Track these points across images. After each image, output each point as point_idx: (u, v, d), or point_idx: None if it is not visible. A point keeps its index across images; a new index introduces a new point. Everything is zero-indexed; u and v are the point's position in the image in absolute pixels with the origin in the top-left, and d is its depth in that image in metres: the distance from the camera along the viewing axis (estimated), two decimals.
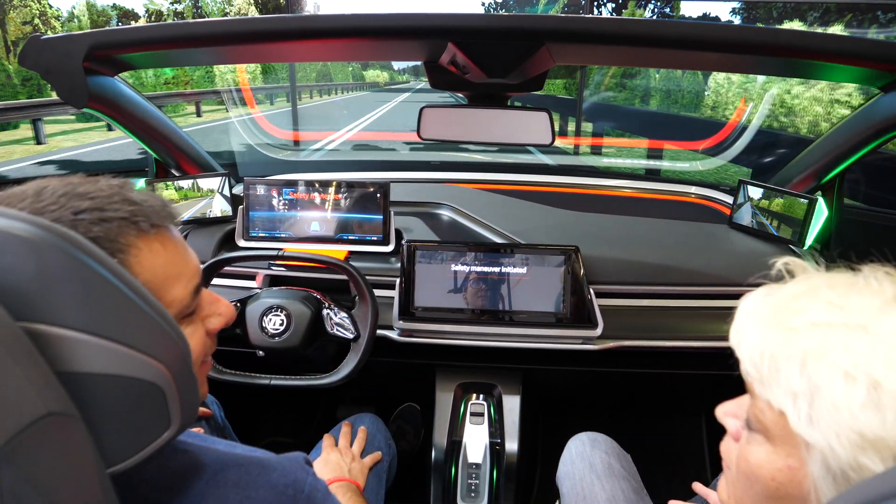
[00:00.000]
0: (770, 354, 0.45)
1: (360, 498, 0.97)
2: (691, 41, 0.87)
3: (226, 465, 0.52)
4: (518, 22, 0.86)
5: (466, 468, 1.21)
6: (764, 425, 0.47)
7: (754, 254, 1.29)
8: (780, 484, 0.46)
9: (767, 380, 0.45)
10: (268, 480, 0.52)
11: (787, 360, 0.44)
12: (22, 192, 0.45)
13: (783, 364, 0.44)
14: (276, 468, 0.53)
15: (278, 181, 1.30)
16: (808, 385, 0.42)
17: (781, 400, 0.44)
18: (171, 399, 0.41)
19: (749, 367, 0.47)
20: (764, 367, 0.45)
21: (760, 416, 0.47)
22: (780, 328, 0.46)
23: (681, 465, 1.65)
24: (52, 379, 0.34)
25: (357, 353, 1.08)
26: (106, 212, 0.45)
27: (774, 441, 0.46)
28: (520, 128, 1.08)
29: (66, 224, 0.42)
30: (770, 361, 0.45)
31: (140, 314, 0.39)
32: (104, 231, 0.44)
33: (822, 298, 0.45)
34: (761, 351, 0.46)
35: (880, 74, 0.94)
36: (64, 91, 0.97)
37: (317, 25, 0.90)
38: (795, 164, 1.31)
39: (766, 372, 0.45)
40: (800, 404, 0.42)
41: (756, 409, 0.48)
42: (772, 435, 0.46)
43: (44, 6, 14.31)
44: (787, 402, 0.43)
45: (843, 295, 0.45)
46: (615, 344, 1.19)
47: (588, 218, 1.44)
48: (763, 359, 0.46)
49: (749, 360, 0.47)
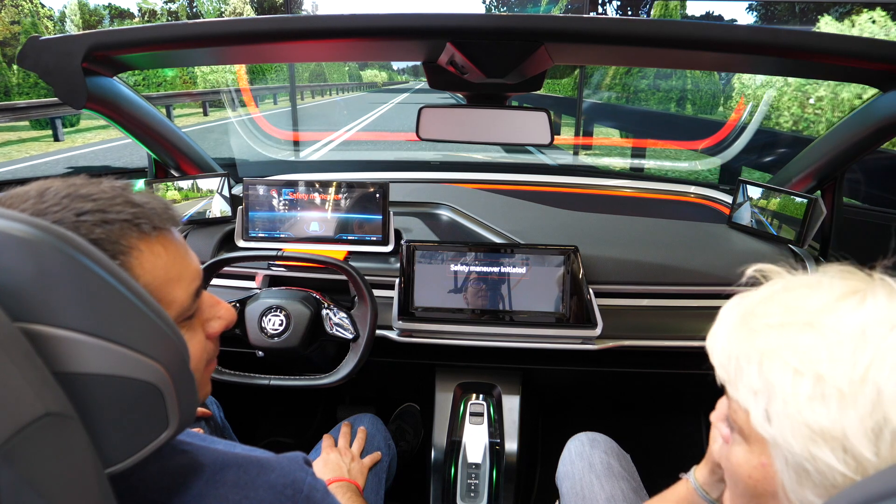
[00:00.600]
0: (735, 357, 0.47)
1: (359, 498, 0.97)
2: (690, 41, 0.87)
3: (225, 464, 0.52)
4: (516, 22, 0.86)
5: (466, 468, 1.21)
6: (738, 425, 0.49)
7: (754, 254, 1.29)
8: (756, 482, 0.47)
9: (734, 381, 0.47)
10: (267, 480, 0.52)
11: (748, 360, 0.46)
12: (24, 193, 0.45)
13: (745, 364, 0.46)
14: (276, 468, 0.54)
15: (277, 181, 1.30)
16: (765, 383, 0.44)
17: (745, 399, 0.46)
18: (169, 399, 0.41)
19: (720, 369, 0.50)
20: (731, 368, 0.48)
21: (734, 416, 0.49)
22: (743, 331, 0.48)
23: (680, 465, 1.65)
24: (49, 379, 0.34)
25: (356, 353, 1.08)
26: (108, 213, 0.45)
27: (749, 440, 0.48)
28: (519, 128, 1.08)
29: (69, 226, 0.43)
30: (735, 363, 0.47)
31: (138, 315, 0.39)
32: (106, 233, 0.45)
33: (779, 301, 0.48)
34: (728, 354, 0.48)
35: (880, 74, 0.93)
36: (63, 91, 0.97)
37: (315, 26, 0.90)
38: (795, 164, 1.31)
39: (733, 373, 0.48)
40: (759, 402, 0.44)
41: (731, 410, 0.50)
42: (745, 434, 0.48)
43: (35, 5, 14.28)
44: (750, 400, 0.45)
45: (798, 296, 0.47)
46: (614, 344, 1.19)
47: (587, 218, 1.44)
48: (730, 361, 0.48)
49: (719, 364, 0.50)
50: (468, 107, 1.09)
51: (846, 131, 1.15)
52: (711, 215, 1.64)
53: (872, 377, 0.39)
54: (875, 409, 0.39)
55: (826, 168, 1.23)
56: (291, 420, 1.83)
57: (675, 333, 1.21)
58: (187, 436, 0.54)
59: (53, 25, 16.87)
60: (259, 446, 0.57)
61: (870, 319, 0.42)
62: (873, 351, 0.40)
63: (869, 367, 0.40)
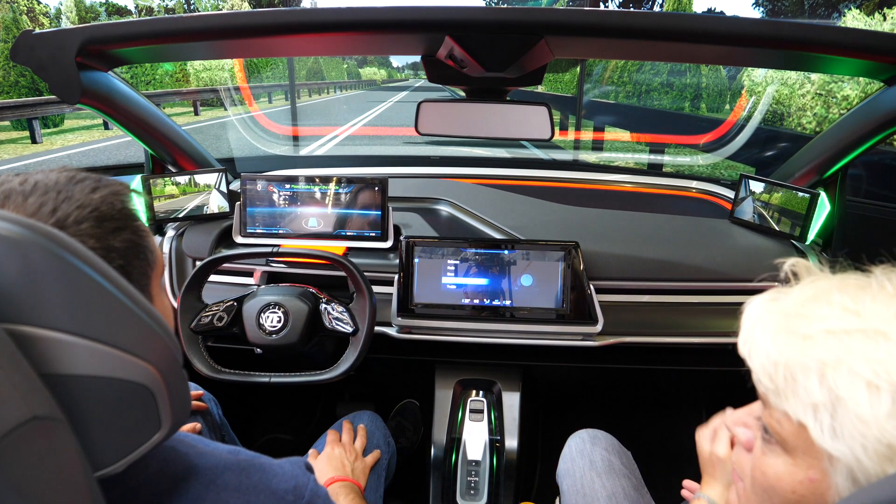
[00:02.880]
0: (785, 365, 0.43)
1: (361, 500, 0.97)
2: (692, 34, 0.86)
3: (226, 468, 0.51)
4: (516, 15, 0.84)
5: (466, 465, 1.21)
6: (781, 437, 0.45)
7: (756, 249, 1.28)
8: (801, 496, 0.44)
9: (784, 391, 0.43)
10: (268, 485, 0.52)
11: (804, 370, 0.42)
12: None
13: (800, 375, 0.42)
14: (278, 473, 0.53)
15: (276, 177, 1.29)
16: (829, 396, 0.40)
17: (800, 412, 0.42)
18: (161, 400, 0.40)
19: (763, 377, 0.46)
20: (779, 377, 0.44)
21: (777, 427, 0.45)
22: (793, 336, 0.44)
23: (681, 462, 1.65)
24: (36, 382, 0.33)
25: (356, 348, 1.07)
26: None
27: (794, 453, 0.45)
28: (519, 122, 1.07)
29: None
30: (786, 372, 0.43)
31: (127, 314, 0.38)
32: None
33: (835, 304, 0.44)
34: (775, 361, 0.44)
35: (885, 67, 0.92)
36: (57, 86, 0.96)
37: (312, 19, 0.89)
38: (798, 159, 1.30)
39: (782, 383, 0.44)
40: (821, 416, 0.41)
41: (772, 419, 0.46)
42: (790, 446, 0.45)
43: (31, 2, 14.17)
44: (808, 414, 0.42)
45: (856, 299, 0.43)
46: (615, 340, 1.18)
47: (588, 213, 1.43)
48: (778, 369, 0.44)
49: (763, 371, 0.46)
50: (468, 101, 1.08)
51: (850, 125, 1.14)
52: (713, 210, 1.63)
53: None
54: None
55: (829, 163, 1.22)
56: (290, 417, 1.82)
57: (676, 330, 1.20)
58: (188, 438, 0.54)
59: (49, 22, 16.79)
60: (258, 443, 0.57)
61: None
62: None
63: None
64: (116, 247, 0.45)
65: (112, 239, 0.44)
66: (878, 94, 1.03)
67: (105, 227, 0.44)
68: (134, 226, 0.47)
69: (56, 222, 0.42)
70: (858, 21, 7.32)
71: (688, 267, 1.24)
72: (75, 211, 0.43)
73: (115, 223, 0.45)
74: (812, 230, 1.26)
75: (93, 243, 0.43)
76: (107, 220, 0.44)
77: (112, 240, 0.44)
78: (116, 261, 0.44)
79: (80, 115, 11.97)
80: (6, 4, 13.54)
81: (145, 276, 0.48)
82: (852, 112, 1.13)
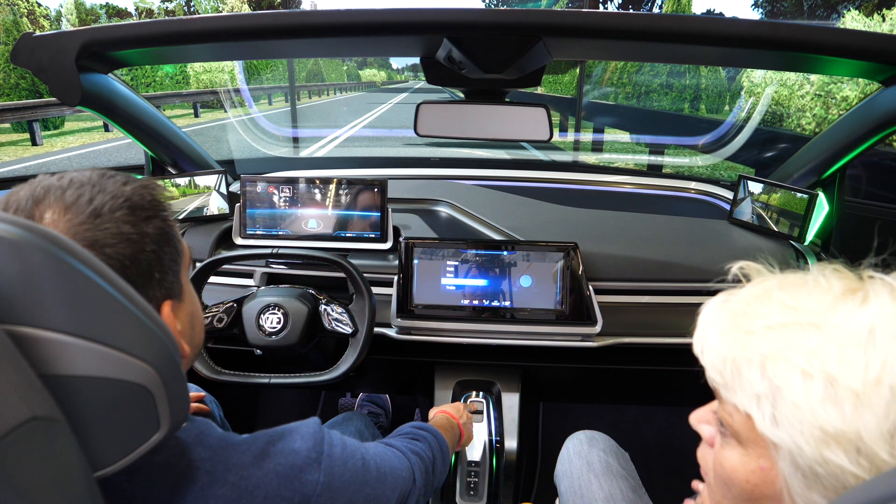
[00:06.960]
0: (732, 359, 0.46)
1: (448, 428, 1.02)
2: (690, 35, 0.86)
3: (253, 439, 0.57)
4: (514, 16, 0.85)
5: (465, 466, 1.21)
6: (734, 429, 0.48)
7: (755, 250, 1.28)
8: (755, 485, 0.47)
9: (731, 384, 0.46)
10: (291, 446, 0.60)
11: (748, 363, 0.45)
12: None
13: (745, 368, 0.45)
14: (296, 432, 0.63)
15: (275, 178, 1.29)
16: (770, 386, 0.43)
17: (746, 403, 0.45)
18: (160, 400, 0.41)
19: (713, 373, 0.48)
20: (727, 372, 0.47)
21: (730, 420, 0.48)
22: (738, 333, 0.47)
23: (679, 464, 1.65)
24: (35, 382, 0.33)
25: (356, 348, 1.08)
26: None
27: (745, 444, 0.47)
28: (518, 124, 1.07)
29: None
30: (732, 366, 0.46)
31: (126, 314, 0.38)
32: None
33: (775, 301, 0.47)
34: (723, 357, 0.47)
35: (882, 68, 0.92)
36: (57, 89, 0.96)
37: (312, 21, 0.89)
38: (796, 160, 1.30)
39: (730, 377, 0.46)
40: (763, 406, 0.43)
41: (725, 413, 0.49)
42: (742, 438, 0.47)
43: (32, 5, 14.18)
44: (752, 404, 0.44)
45: (794, 295, 0.46)
46: (614, 341, 1.18)
47: (587, 214, 1.43)
48: (725, 364, 0.47)
49: (712, 367, 0.48)
50: (466, 103, 1.08)
51: (848, 126, 1.14)
52: (712, 211, 1.63)
53: (887, 378, 0.39)
54: (890, 410, 0.39)
55: (827, 163, 1.22)
56: (291, 419, 1.82)
57: (675, 330, 1.21)
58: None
59: (49, 25, 16.82)
60: None
61: (877, 319, 0.41)
62: (885, 351, 0.40)
63: (883, 367, 0.39)
64: (149, 233, 0.48)
65: (145, 226, 0.48)
66: (876, 94, 1.04)
67: (138, 214, 0.48)
68: (164, 215, 0.51)
69: (93, 211, 0.45)
70: (857, 22, 7.33)
71: (687, 268, 1.24)
72: (110, 201, 0.46)
73: (146, 212, 0.49)
74: (811, 231, 1.26)
75: (128, 229, 0.46)
76: (139, 209, 0.48)
77: (145, 226, 0.48)
78: (149, 245, 0.48)
79: (81, 117, 11.97)
80: (6, 7, 13.57)
81: (175, 264, 0.52)
82: (850, 113, 1.13)
